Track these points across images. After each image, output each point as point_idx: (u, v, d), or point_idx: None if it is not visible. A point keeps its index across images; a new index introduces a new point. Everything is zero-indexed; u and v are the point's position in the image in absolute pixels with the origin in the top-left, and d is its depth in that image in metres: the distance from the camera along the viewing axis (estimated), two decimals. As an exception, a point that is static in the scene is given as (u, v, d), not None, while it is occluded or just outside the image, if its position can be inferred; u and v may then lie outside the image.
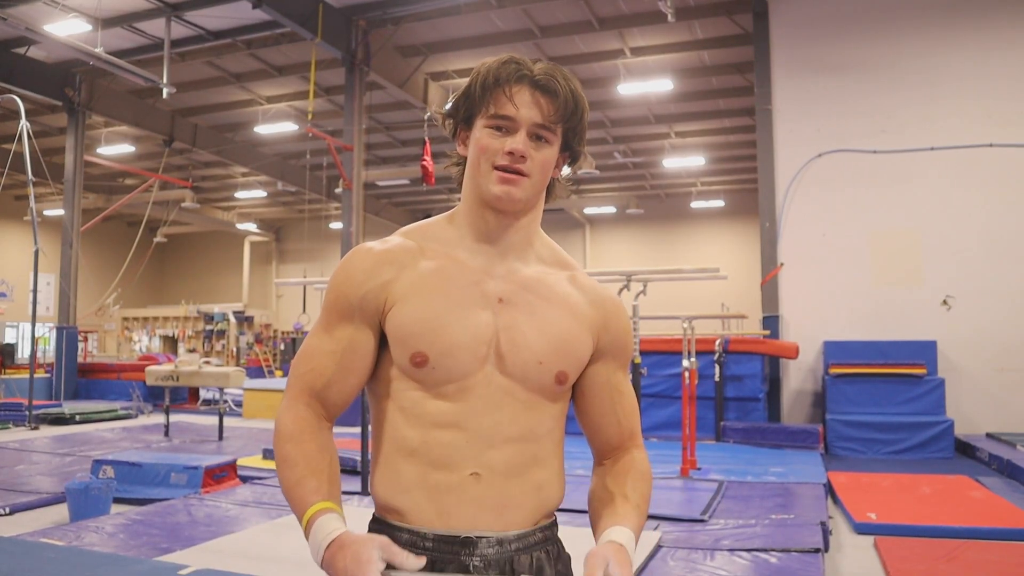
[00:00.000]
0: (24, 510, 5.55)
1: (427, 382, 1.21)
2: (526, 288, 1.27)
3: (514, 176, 1.21)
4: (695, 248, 22.69)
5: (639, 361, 5.33)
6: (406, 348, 1.21)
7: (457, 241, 1.28)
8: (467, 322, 1.21)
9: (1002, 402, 9.27)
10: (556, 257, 1.35)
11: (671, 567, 4.01)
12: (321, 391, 1.24)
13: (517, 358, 1.22)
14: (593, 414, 1.34)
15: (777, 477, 6.67)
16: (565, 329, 1.26)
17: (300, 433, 1.20)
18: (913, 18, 9.95)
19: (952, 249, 9.59)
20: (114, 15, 11.70)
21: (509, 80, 1.21)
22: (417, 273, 1.25)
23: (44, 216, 19.61)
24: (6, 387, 13.10)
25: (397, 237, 1.31)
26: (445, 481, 1.18)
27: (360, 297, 1.24)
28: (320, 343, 1.25)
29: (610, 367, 1.33)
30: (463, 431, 1.20)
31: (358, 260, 1.27)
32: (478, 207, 1.27)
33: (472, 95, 1.24)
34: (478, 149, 1.23)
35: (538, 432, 1.24)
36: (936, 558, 4.25)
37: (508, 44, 12.87)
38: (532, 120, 1.21)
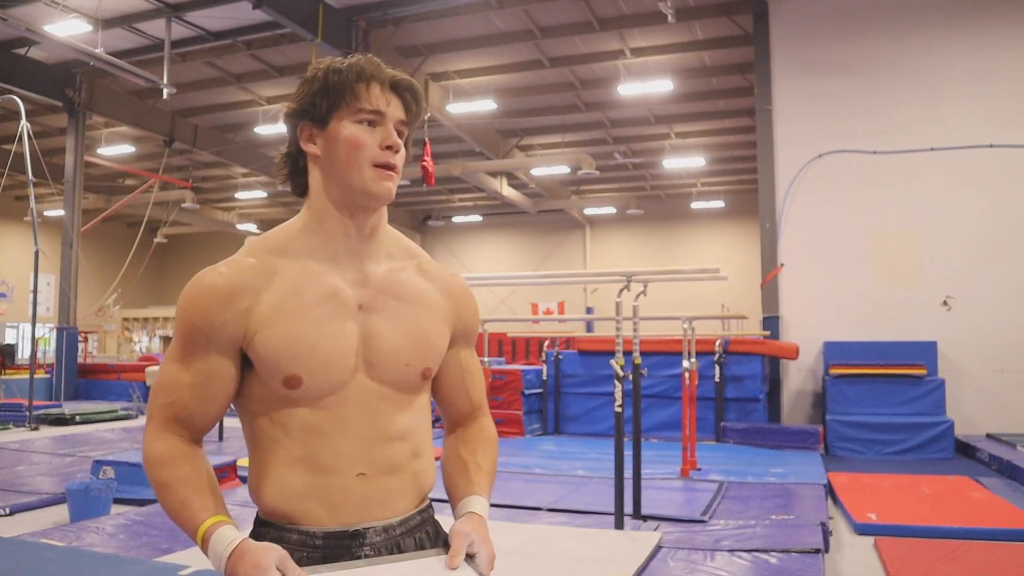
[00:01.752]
0: (24, 511, 5.55)
1: (302, 399, 1.22)
2: (382, 291, 1.28)
3: (390, 172, 1.23)
4: (695, 249, 22.68)
5: (639, 362, 5.32)
6: (277, 372, 1.21)
7: (309, 251, 1.26)
8: (333, 336, 1.22)
9: (1002, 403, 9.27)
10: (403, 248, 1.36)
11: (671, 567, 4.01)
12: (184, 420, 1.24)
13: (385, 364, 1.26)
14: (446, 392, 1.41)
15: (777, 478, 6.67)
16: (424, 326, 1.30)
17: (172, 459, 1.21)
18: (913, 18, 9.95)
19: (952, 249, 9.59)
20: (114, 15, 11.70)
21: (374, 77, 1.23)
22: (274, 295, 1.22)
23: (44, 217, 19.60)
24: (6, 388, 13.09)
25: (245, 258, 1.26)
26: (333, 484, 1.23)
27: (216, 328, 1.21)
28: (178, 375, 1.23)
29: (460, 349, 1.40)
30: (346, 438, 1.23)
31: (209, 290, 1.22)
32: (334, 209, 1.25)
33: (336, 89, 1.21)
34: (350, 145, 1.21)
35: (412, 426, 1.30)
36: (936, 558, 4.25)
37: (508, 44, 12.88)
38: (398, 117, 1.25)
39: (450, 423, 1.46)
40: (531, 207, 21.78)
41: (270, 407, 1.24)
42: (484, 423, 1.45)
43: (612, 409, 4.97)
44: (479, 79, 14.19)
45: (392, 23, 12.27)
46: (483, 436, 1.42)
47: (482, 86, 14.40)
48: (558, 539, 4.44)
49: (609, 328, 10.51)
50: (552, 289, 22.25)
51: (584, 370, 10.34)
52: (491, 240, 25.37)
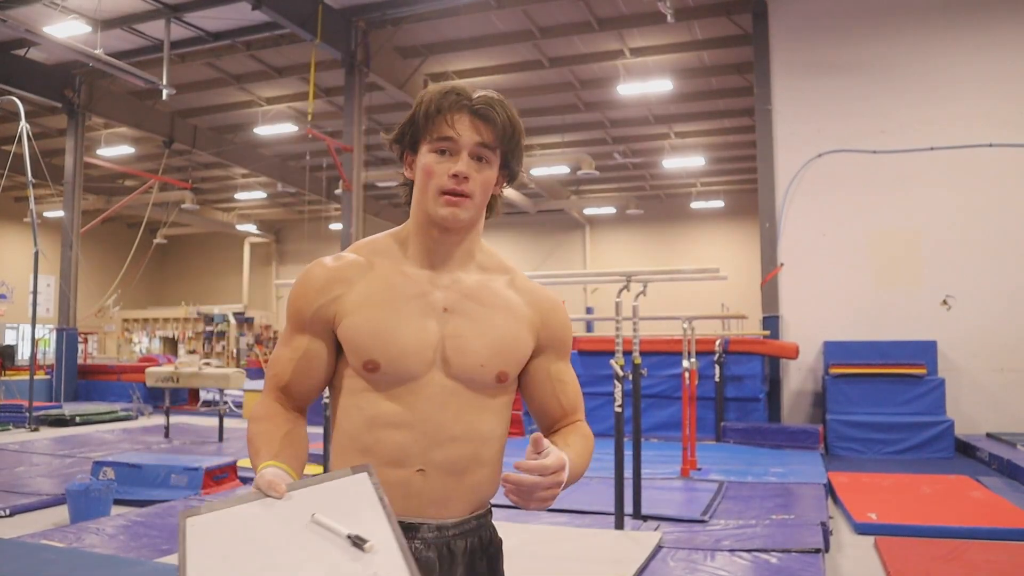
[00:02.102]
0: (24, 512, 5.55)
1: (379, 385, 1.33)
2: (468, 296, 1.38)
3: (458, 199, 1.32)
4: (695, 248, 22.69)
5: (639, 362, 5.32)
6: (359, 356, 1.33)
7: (404, 256, 1.40)
8: (414, 330, 1.33)
9: (1002, 402, 9.27)
10: (496, 264, 1.47)
11: (671, 567, 4.01)
12: (284, 389, 1.38)
13: (461, 362, 1.33)
14: (538, 401, 1.47)
15: (777, 477, 6.67)
16: (504, 332, 1.38)
17: (261, 417, 1.34)
18: (913, 18, 9.95)
19: (952, 249, 9.59)
20: (113, 16, 11.70)
21: (451, 108, 1.32)
22: (366, 287, 1.36)
23: (44, 218, 19.62)
24: (6, 389, 13.09)
25: (350, 253, 1.41)
26: (394, 476, 1.30)
27: (313, 312, 1.36)
28: (281, 352, 1.39)
29: (550, 359, 1.46)
30: (411, 430, 1.31)
31: (312, 277, 1.38)
32: (425, 226, 1.37)
33: (417, 122, 1.35)
34: (424, 173, 1.33)
35: (481, 431, 1.36)
36: (936, 558, 4.25)
37: (508, 45, 12.88)
38: (473, 142, 1.32)
39: (544, 429, 1.50)
40: (531, 207, 21.79)
41: (352, 389, 1.35)
42: (579, 425, 1.48)
43: (612, 409, 4.98)
44: (479, 79, 14.18)
45: (391, 23, 12.27)
46: (577, 429, 1.45)
47: (481, 86, 14.35)
48: (558, 539, 4.44)
49: (609, 328, 10.51)
50: (552, 289, 22.19)
51: (584, 370, 10.33)
52: (491, 240, 24.78)
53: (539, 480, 1.19)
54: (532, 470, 1.19)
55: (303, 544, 1.12)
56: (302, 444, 1.33)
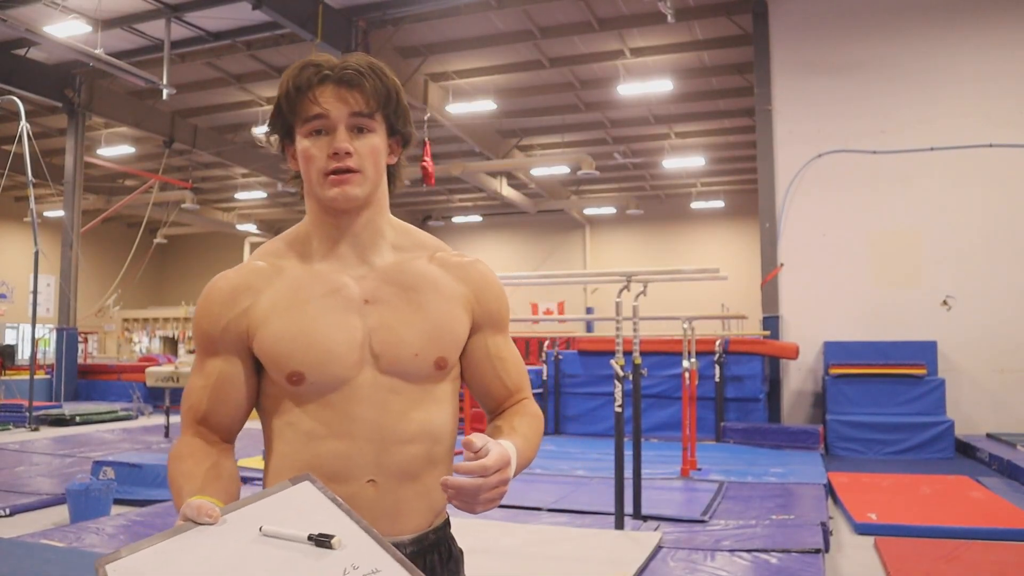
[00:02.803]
0: (24, 511, 5.55)
1: (308, 396, 1.21)
2: (388, 282, 1.27)
3: (345, 175, 1.21)
4: (695, 249, 22.68)
5: (639, 362, 5.32)
6: (280, 369, 1.21)
7: (310, 252, 1.28)
8: (335, 330, 1.22)
9: (1002, 402, 9.27)
10: (413, 241, 1.34)
11: (671, 567, 4.01)
12: (203, 421, 1.25)
13: (393, 355, 1.23)
14: (478, 380, 1.35)
15: (777, 477, 6.67)
16: (436, 314, 1.27)
17: (180, 456, 1.21)
18: (913, 18, 9.96)
19: (952, 249, 9.59)
20: (114, 16, 11.70)
21: (312, 83, 1.21)
22: (274, 294, 1.24)
23: (44, 217, 19.61)
24: (6, 388, 13.09)
25: (251, 261, 1.30)
26: (342, 492, 1.17)
27: (220, 330, 1.24)
28: (194, 381, 1.27)
29: (487, 336, 1.35)
30: (354, 440, 1.20)
31: (215, 292, 1.26)
32: (321, 214, 1.27)
33: (283, 109, 1.24)
34: (304, 159, 1.23)
35: (431, 427, 1.24)
36: (936, 558, 4.25)
37: (508, 45, 12.88)
38: (345, 113, 1.21)
39: (489, 412, 1.39)
40: (531, 207, 21.79)
41: (281, 407, 1.24)
42: (526, 403, 1.37)
43: (612, 409, 4.97)
44: (479, 79, 14.19)
45: (392, 23, 12.27)
46: (522, 409, 1.35)
47: (482, 86, 14.40)
48: (558, 539, 4.44)
49: (609, 328, 10.51)
50: (552, 289, 22.25)
51: (584, 370, 10.34)
52: (491, 240, 25.38)
53: (482, 482, 1.08)
54: (472, 472, 1.08)
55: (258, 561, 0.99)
56: (231, 479, 1.20)
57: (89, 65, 12.13)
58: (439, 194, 23.14)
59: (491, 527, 4.68)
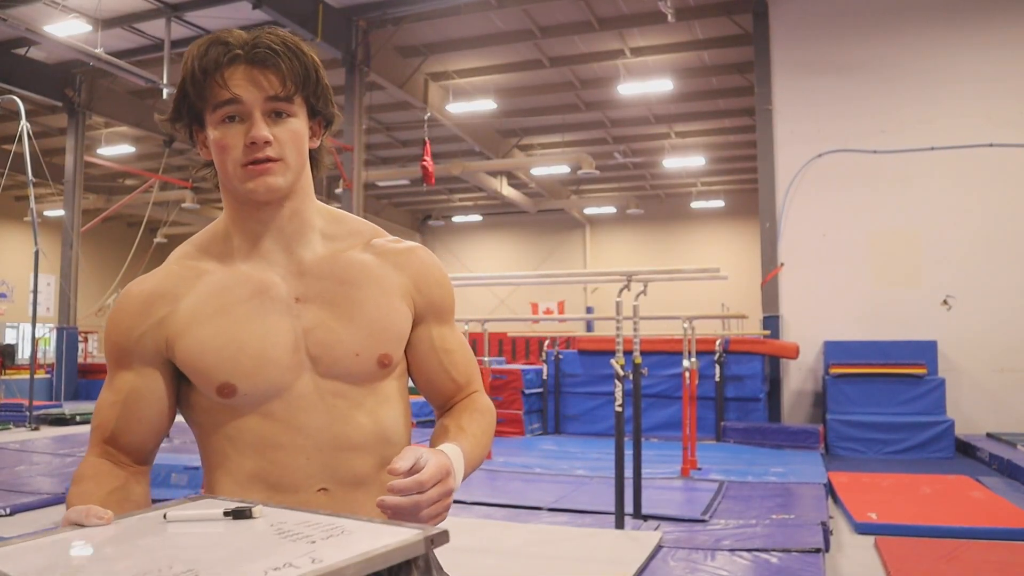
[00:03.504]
0: (24, 511, 5.54)
1: (243, 409, 1.11)
2: (320, 277, 1.16)
3: (265, 165, 1.09)
4: (695, 248, 22.68)
5: (639, 361, 5.32)
6: (208, 382, 1.11)
7: (232, 251, 1.17)
8: (265, 334, 1.11)
9: (1002, 402, 9.27)
10: (346, 229, 1.23)
11: (672, 567, 4.01)
12: (111, 441, 1.14)
13: (332, 357, 1.13)
14: (424, 376, 1.25)
15: (778, 477, 6.67)
16: (376, 308, 1.16)
17: (81, 477, 1.10)
18: (913, 18, 9.95)
19: (952, 249, 9.59)
20: (114, 16, 11.70)
21: (220, 65, 1.08)
22: (195, 300, 1.13)
23: (44, 217, 19.60)
24: (6, 388, 13.09)
25: (168, 265, 1.19)
26: (292, 500, 1.09)
27: (134, 342, 1.13)
28: (104, 396, 1.15)
29: (431, 327, 1.24)
30: (301, 450, 1.11)
31: (127, 301, 1.15)
32: (240, 207, 1.16)
33: (188, 92, 1.11)
34: (218, 149, 1.11)
35: (382, 428, 1.16)
36: (937, 558, 4.25)
37: (508, 44, 12.88)
38: (260, 97, 1.09)
39: (438, 408, 1.29)
40: (531, 207, 21.78)
41: (216, 420, 1.13)
42: (475, 397, 1.27)
43: (612, 409, 4.97)
44: (479, 79, 14.19)
45: (392, 23, 12.27)
46: (471, 405, 1.24)
47: (482, 86, 14.40)
48: (558, 539, 4.44)
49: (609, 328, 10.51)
50: (552, 289, 22.25)
51: (584, 370, 10.34)
52: (491, 240, 25.37)
53: (419, 498, 0.96)
54: (408, 489, 0.96)
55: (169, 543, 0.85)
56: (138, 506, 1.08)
57: (89, 64, 12.12)
58: (439, 194, 23.14)
59: (491, 527, 4.68)
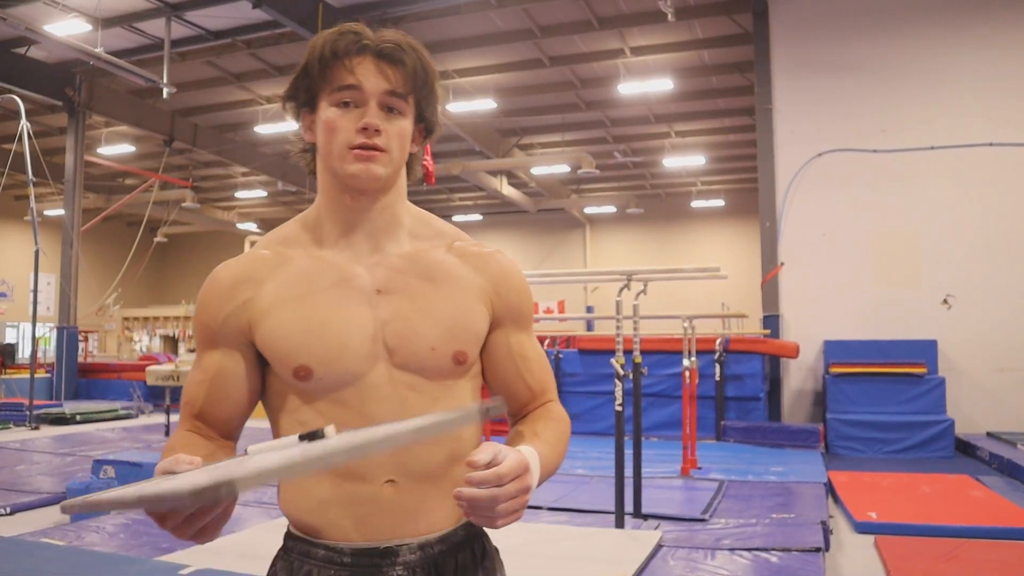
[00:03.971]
0: (25, 510, 5.56)
1: (318, 393, 1.13)
2: (403, 271, 1.18)
3: (371, 152, 1.12)
4: (695, 247, 22.69)
5: (639, 361, 5.32)
6: (285, 364, 1.13)
7: (319, 239, 1.20)
8: (345, 322, 1.14)
9: (1002, 401, 9.27)
10: (431, 229, 1.25)
11: (672, 566, 4.01)
12: (200, 416, 1.18)
13: (408, 349, 1.14)
14: (499, 380, 1.25)
15: (778, 476, 6.67)
16: (454, 307, 1.18)
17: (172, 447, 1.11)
18: (913, 17, 9.95)
19: (952, 248, 9.59)
20: (114, 15, 11.70)
21: (349, 52, 1.13)
22: (279, 283, 1.16)
23: (44, 216, 19.61)
24: (7, 387, 13.10)
25: (255, 249, 1.23)
26: (359, 493, 1.11)
27: (219, 323, 1.17)
28: (193, 374, 1.20)
29: (509, 332, 1.24)
30: None
31: (215, 284, 1.19)
32: (336, 194, 1.18)
33: (311, 73, 1.14)
34: (327, 129, 1.13)
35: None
36: (937, 557, 4.25)
37: (508, 44, 12.87)
38: (380, 89, 1.12)
39: (511, 416, 1.28)
40: (531, 206, 21.78)
41: (290, 405, 1.16)
42: (550, 406, 1.27)
43: (612, 408, 4.97)
44: (479, 78, 14.19)
45: (392, 22, 12.26)
46: (547, 413, 1.24)
47: (482, 85, 14.39)
48: (558, 538, 4.44)
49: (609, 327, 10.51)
50: (552, 288, 22.25)
51: (584, 369, 10.34)
52: (491, 239, 25.37)
53: (498, 492, 0.96)
54: (486, 481, 0.96)
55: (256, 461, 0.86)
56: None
57: (89, 64, 12.12)
58: (439, 193, 23.15)
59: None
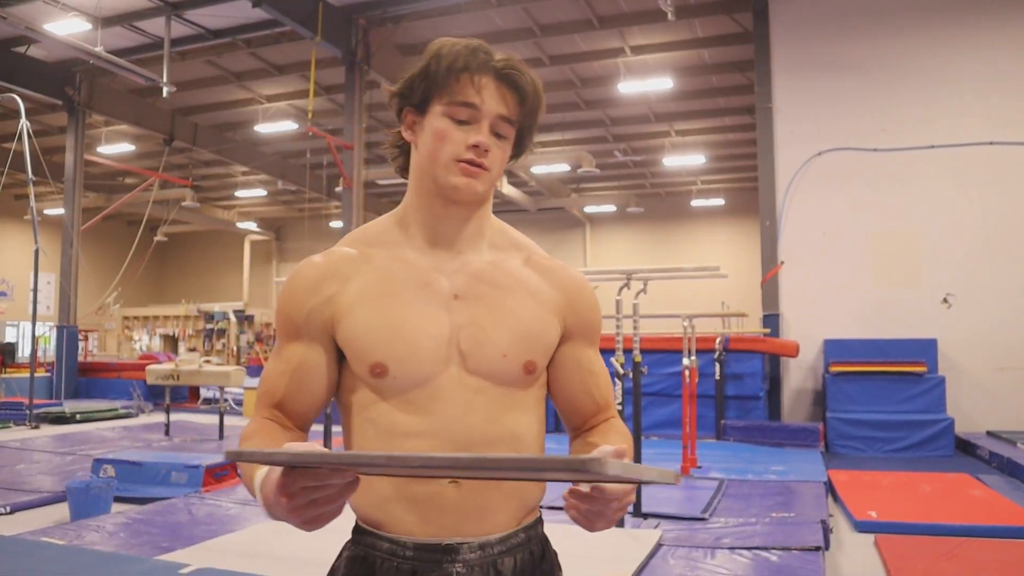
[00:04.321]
0: (25, 509, 5.55)
1: (390, 391, 1.16)
2: (482, 279, 1.22)
3: (476, 169, 1.16)
4: (695, 247, 22.69)
5: (639, 360, 5.33)
6: (363, 360, 1.17)
7: (405, 241, 1.24)
8: (422, 324, 1.17)
9: (1002, 400, 9.27)
10: (509, 241, 1.29)
11: (671, 566, 4.01)
12: (279, 407, 1.21)
13: (480, 355, 1.17)
14: (565, 393, 1.29)
15: (777, 475, 6.67)
16: (527, 317, 1.21)
17: (254, 433, 1.17)
18: (913, 16, 9.95)
19: (952, 247, 9.59)
20: (114, 14, 11.70)
21: (479, 69, 1.16)
22: (363, 281, 1.20)
23: (44, 215, 19.61)
24: (7, 386, 13.10)
25: (340, 247, 1.26)
26: (423, 492, 1.14)
27: (304, 316, 1.20)
28: (273, 365, 1.23)
29: (579, 347, 1.28)
30: (436, 439, 1.15)
31: (301, 277, 1.22)
32: (428, 198, 1.21)
33: (432, 77, 1.17)
34: (436, 137, 1.17)
35: (517, 430, 1.20)
36: (937, 556, 4.25)
37: (508, 43, 12.86)
38: (496, 113, 1.16)
39: (573, 429, 1.32)
40: (531, 205, 21.78)
41: (361, 401, 1.19)
42: (614, 421, 1.30)
43: (612, 407, 4.96)
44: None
45: (392, 21, 12.27)
46: (615, 428, 1.28)
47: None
48: (558, 537, 4.41)
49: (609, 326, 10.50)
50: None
51: (584, 368, 10.32)
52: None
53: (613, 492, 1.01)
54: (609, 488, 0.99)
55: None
56: None
57: (89, 63, 12.11)
58: (439, 192, 23.12)
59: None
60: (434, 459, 0.84)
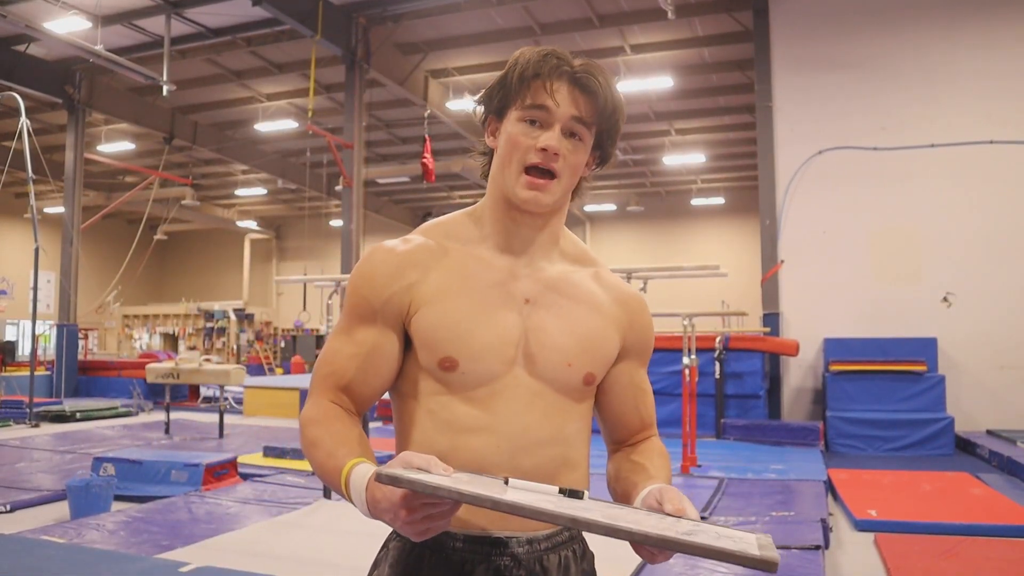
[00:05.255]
0: (25, 507, 5.56)
1: (455, 386, 1.19)
2: (552, 288, 1.25)
3: (542, 181, 1.19)
4: (695, 245, 22.69)
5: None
6: (434, 352, 1.19)
7: (480, 240, 1.26)
8: (495, 324, 1.19)
9: (1002, 399, 9.28)
10: (581, 253, 1.33)
11: (671, 565, 4.01)
12: (345, 389, 1.22)
13: (546, 360, 1.20)
14: (615, 411, 1.33)
15: (777, 474, 6.67)
16: (592, 329, 1.24)
17: (324, 417, 1.18)
18: (913, 15, 9.94)
19: (952, 246, 9.59)
20: (114, 12, 11.68)
21: (551, 74, 1.18)
22: (441, 275, 1.22)
23: (44, 214, 19.61)
24: (7, 385, 13.10)
25: (418, 236, 1.28)
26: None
27: (383, 301, 1.21)
28: (341, 346, 1.23)
29: (633, 366, 1.32)
30: (493, 435, 1.17)
31: (379, 262, 1.24)
32: (503, 205, 1.24)
33: (509, 84, 1.20)
34: (509, 143, 1.20)
35: (567, 434, 1.22)
36: (936, 555, 4.25)
37: (508, 41, 12.86)
38: (569, 114, 1.18)
39: (615, 442, 1.36)
40: (531, 204, 21.77)
41: (423, 392, 1.21)
42: (655, 441, 1.34)
43: (612, 406, 4.96)
44: (479, 76, 14.18)
45: (392, 20, 12.26)
46: (656, 449, 1.31)
47: (482, 83, 14.30)
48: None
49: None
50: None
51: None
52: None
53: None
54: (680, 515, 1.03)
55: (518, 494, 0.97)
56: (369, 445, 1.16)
57: (89, 61, 12.10)
58: (439, 191, 23.13)
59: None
60: (594, 524, 0.90)
